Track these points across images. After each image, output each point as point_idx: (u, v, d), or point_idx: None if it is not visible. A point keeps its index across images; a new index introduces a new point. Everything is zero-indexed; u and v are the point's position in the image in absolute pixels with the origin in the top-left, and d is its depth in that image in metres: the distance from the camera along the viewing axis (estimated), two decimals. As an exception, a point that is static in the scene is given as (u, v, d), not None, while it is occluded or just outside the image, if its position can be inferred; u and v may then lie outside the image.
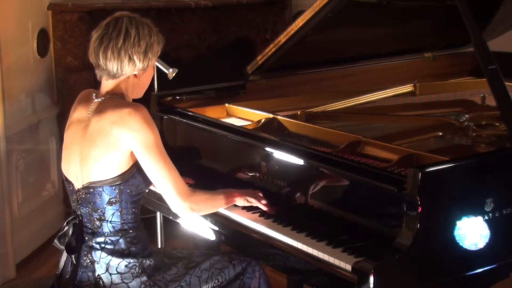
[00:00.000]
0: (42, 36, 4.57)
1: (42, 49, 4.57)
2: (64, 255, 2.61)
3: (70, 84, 4.67)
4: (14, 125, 4.26)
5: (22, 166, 4.37)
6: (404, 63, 3.99)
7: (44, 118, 4.61)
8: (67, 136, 2.65)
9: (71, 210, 2.67)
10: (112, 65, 2.55)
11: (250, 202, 2.77)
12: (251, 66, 3.56)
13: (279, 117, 3.19)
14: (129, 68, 2.56)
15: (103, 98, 2.59)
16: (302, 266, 2.55)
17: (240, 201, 2.77)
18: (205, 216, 2.85)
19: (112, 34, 2.54)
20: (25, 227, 4.40)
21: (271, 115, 3.21)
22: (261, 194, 2.79)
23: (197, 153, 3.25)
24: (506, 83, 2.72)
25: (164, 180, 2.55)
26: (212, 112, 3.36)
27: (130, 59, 2.54)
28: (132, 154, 2.53)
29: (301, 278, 2.99)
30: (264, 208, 2.76)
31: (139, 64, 2.57)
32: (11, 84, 4.22)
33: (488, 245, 2.45)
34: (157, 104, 3.36)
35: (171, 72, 3.59)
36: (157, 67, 3.62)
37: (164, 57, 3.65)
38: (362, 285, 2.29)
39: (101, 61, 2.55)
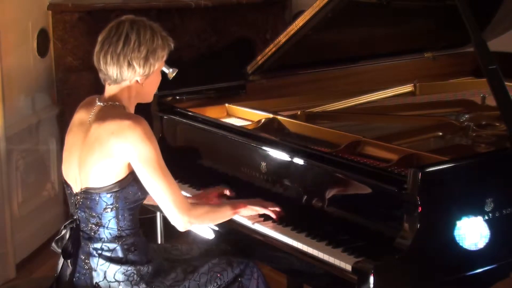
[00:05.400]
0: (42, 36, 4.57)
1: (42, 49, 4.57)
2: (62, 258, 2.60)
3: (70, 84, 4.67)
4: (14, 125, 4.26)
5: (22, 166, 4.37)
6: (404, 63, 3.98)
7: (44, 118, 4.61)
8: (69, 138, 2.63)
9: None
10: (112, 70, 2.51)
11: (256, 211, 2.72)
12: (251, 66, 3.56)
13: (279, 117, 3.19)
14: (128, 74, 2.52)
15: (106, 103, 2.56)
16: (302, 266, 2.55)
17: (245, 211, 2.72)
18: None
19: (112, 39, 2.50)
20: (25, 227, 4.40)
21: (271, 115, 3.21)
22: (265, 202, 2.75)
23: (197, 153, 3.25)
24: (506, 83, 2.72)
25: (163, 194, 2.51)
26: (212, 112, 3.36)
27: (130, 64, 2.50)
28: (129, 163, 2.50)
29: (301, 278, 2.99)
30: (272, 215, 2.71)
31: (139, 70, 2.52)
32: (11, 84, 4.22)
33: (488, 245, 2.45)
34: (157, 104, 3.36)
35: (171, 72, 3.59)
36: (157, 67, 3.62)
37: (164, 57, 3.64)
38: (362, 285, 2.29)
39: (102, 66, 2.52)
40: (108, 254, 2.54)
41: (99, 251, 2.54)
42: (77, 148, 2.57)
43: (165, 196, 2.52)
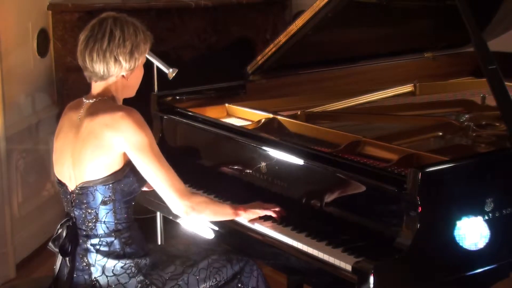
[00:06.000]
0: (42, 36, 4.57)
1: (42, 49, 4.57)
2: (60, 257, 2.60)
3: (70, 84, 4.67)
4: (14, 125, 4.26)
5: (22, 166, 4.37)
6: (404, 63, 3.99)
7: (44, 118, 4.61)
8: (58, 140, 2.64)
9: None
10: (98, 67, 2.54)
11: (257, 213, 2.71)
12: (251, 66, 3.56)
13: (279, 117, 3.19)
14: (115, 69, 2.55)
15: (95, 100, 2.59)
16: (302, 266, 2.55)
17: (246, 214, 2.71)
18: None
19: (97, 36, 2.53)
20: (25, 227, 4.40)
21: (271, 115, 3.21)
22: (265, 204, 2.74)
23: (197, 153, 3.25)
24: (506, 83, 2.72)
25: (161, 181, 2.54)
26: (212, 112, 3.36)
27: (116, 60, 2.53)
28: (124, 154, 2.52)
29: (301, 278, 2.99)
30: (273, 215, 2.71)
31: (125, 65, 2.55)
32: (11, 84, 4.22)
33: (488, 245, 2.45)
34: (157, 104, 3.36)
35: (171, 72, 3.59)
36: (157, 67, 3.62)
37: (164, 57, 3.65)
38: (362, 285, 2.29)
39: (88, 63, 2.55)
40: (105, 248, 2.55)
41: (97, 247, 2.55)
42: (69, 147, 2.58)
43: (163, 182, 2.54)
